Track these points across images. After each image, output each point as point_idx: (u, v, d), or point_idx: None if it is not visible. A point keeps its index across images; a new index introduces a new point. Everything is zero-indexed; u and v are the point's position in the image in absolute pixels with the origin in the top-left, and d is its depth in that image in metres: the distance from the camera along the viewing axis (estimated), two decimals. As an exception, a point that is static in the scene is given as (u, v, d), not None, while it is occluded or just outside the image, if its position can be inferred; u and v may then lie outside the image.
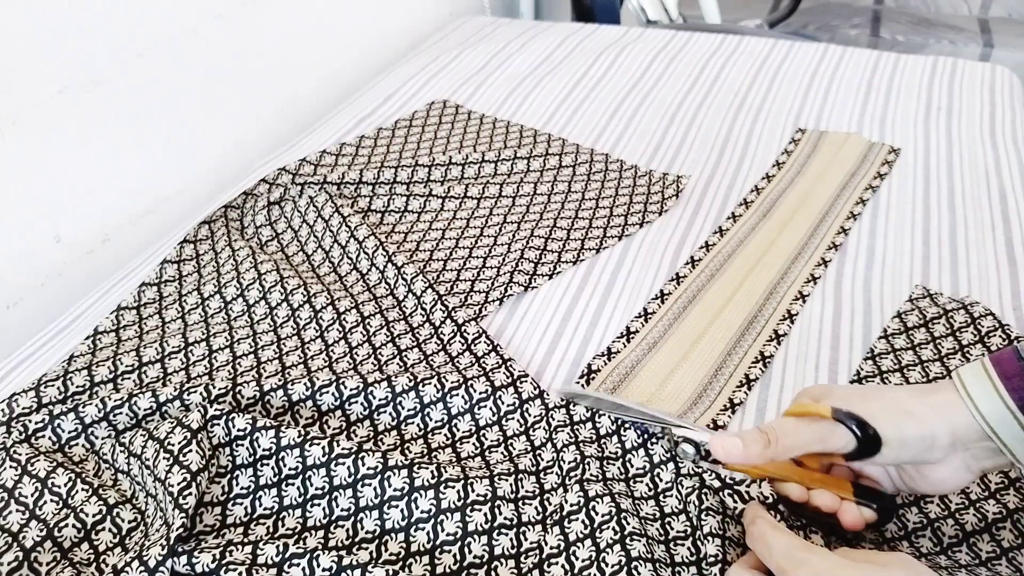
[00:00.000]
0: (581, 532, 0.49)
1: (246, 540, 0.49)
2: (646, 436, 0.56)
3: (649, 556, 0.47)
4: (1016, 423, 0.42)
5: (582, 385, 0.62)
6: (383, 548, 0.50)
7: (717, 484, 0.50)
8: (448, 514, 0.51)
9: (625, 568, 0.46)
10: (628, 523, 0.48)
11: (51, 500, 0.52)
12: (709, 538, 0.47)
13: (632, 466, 0.55)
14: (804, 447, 0.45)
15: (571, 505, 0.51)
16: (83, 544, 0.51)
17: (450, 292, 0.73)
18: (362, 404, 0.59)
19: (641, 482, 0.54)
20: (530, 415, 0.58)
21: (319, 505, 0.53)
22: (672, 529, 0.51)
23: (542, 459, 0.56)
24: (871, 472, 0.49)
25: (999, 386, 0.42)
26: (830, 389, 0.48)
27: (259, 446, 0.54)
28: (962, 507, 0.50)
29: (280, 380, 0.59)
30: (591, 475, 0.53)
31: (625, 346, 0.66)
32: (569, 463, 0.54)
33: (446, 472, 0.52)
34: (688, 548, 0.49)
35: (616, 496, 0.51)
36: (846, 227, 0.79)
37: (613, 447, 0.56)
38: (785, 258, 0.75)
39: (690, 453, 0.50)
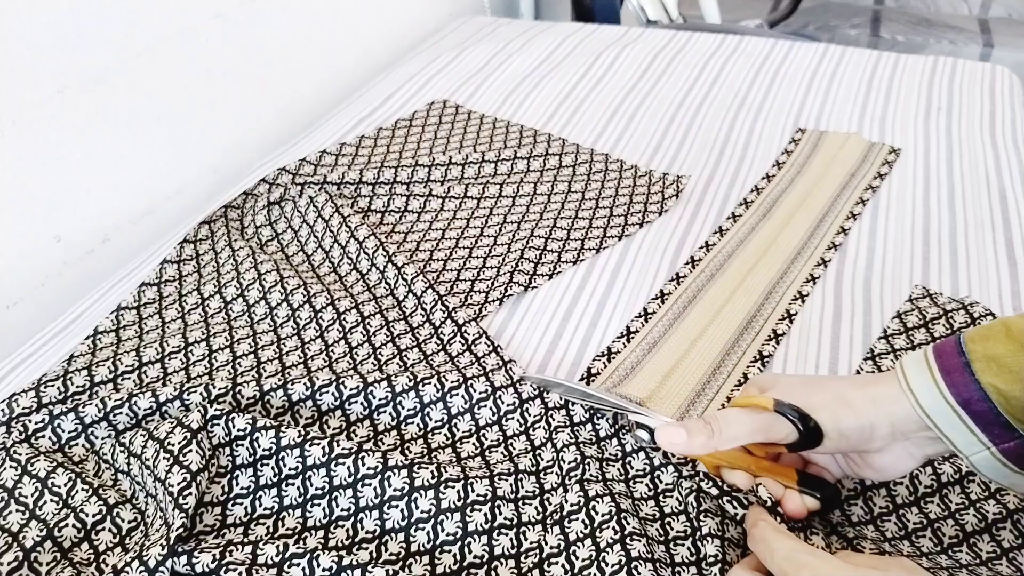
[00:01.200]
0: (581, 532, 0.49)
1: (246, 540, 0.49)
2: (613, 422, 0.57)
3: (649, 556, 0.47)
4: (955, 415, 0.42)
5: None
6: (383, 548, 0.50)
7: (715, 491, 0.50)
8: (448, 514, 0.51)
9: (625, 568, 0.46)
10: (628, 523, 0.48)
11: (51, 500, 0.52)
12: (709, 538, 0.47)
13: (632, 467, 0.55)
14: (747, 437, 0.46)
15: (571, 505, 0.51)
16: (83, 544, 0.51)
17: (450, 292, 0.73)
18: (362, 404, 0.59)
19: (641, 482, 0.54)
20: (530, 415, 0.58)
21: (319, 505, 0.53)
22: (672, 529, 0.51)
23: (542, 459, 0.56)
24: (818, 459, 0.51)
25: (939, 381, 0.43)
26: (776, 379, 0.49)
27: (259, 446, 0.54)
28: (962, 507, 0.50)
29: (280, 380, 0.59)
30: (591, 475, 0.53)
31: (625, 346, 0.66)
32: (569, 463, 0.54)
33: (446, 472, 0.52)
34: (688, 548, 0.49)
35: (616, 496, 0.51)
36: (846, 227, 0.79)
37: (613, 449, 0.56)
38: (785, 258, 0.75)
39: (644, 438, 0.51)
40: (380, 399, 0.59)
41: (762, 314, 0.69)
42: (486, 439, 0.58)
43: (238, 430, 0.55)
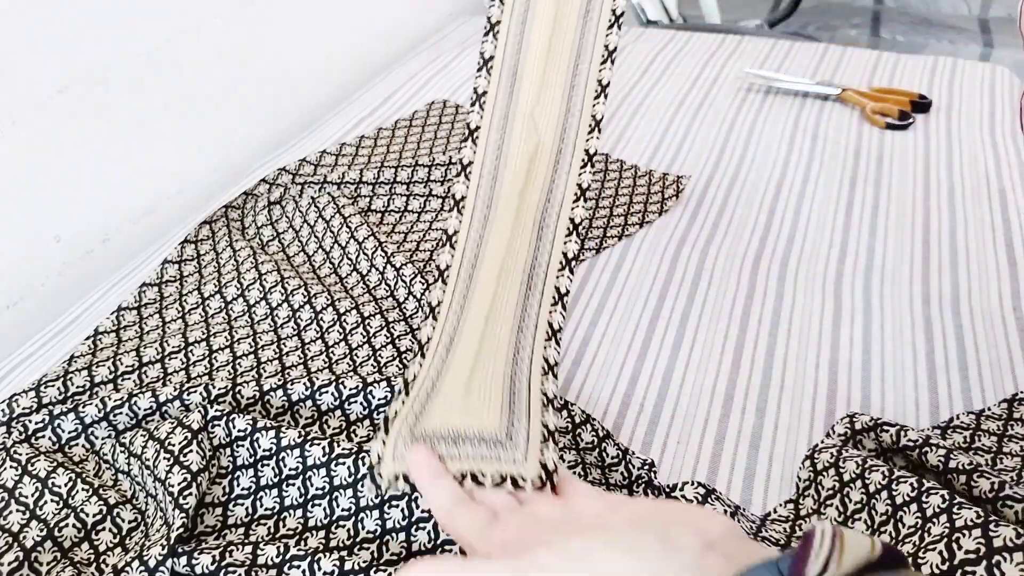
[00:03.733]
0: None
1: (247, 541, 0.49)
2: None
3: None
4: None
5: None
6: (384, 548, 0.50)
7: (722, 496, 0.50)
8: (448, 514, 0.50)
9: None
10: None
11: (51, 500, 0.52)
12: None
13: (634, 467, 0.55)
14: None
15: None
16: (83, 544, 0.51)
17: (450, 292, 0.73)
18: (362, 404, 0.59)
19: (642, 483, 0.54)
20: (530, 415, 0.58)
21: (320, 505, 0.53)
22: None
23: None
24: None
25: None
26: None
27: (259, 447, 0.54)
28: None
29: (280, 380, 0.59)
30: (593, 479, 0.53)
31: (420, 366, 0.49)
32: (568, 462, 0.54)
33: (446, 472, 0.52)
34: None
35: None
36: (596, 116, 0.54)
37: (613, 450, 0.56)
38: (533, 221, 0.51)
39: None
40: (380, 399, 0.59)
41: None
42: (486, 439, 0.58)
43: (238, 431, 0.55)
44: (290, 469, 0.54)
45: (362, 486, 0.52)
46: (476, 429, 0.43)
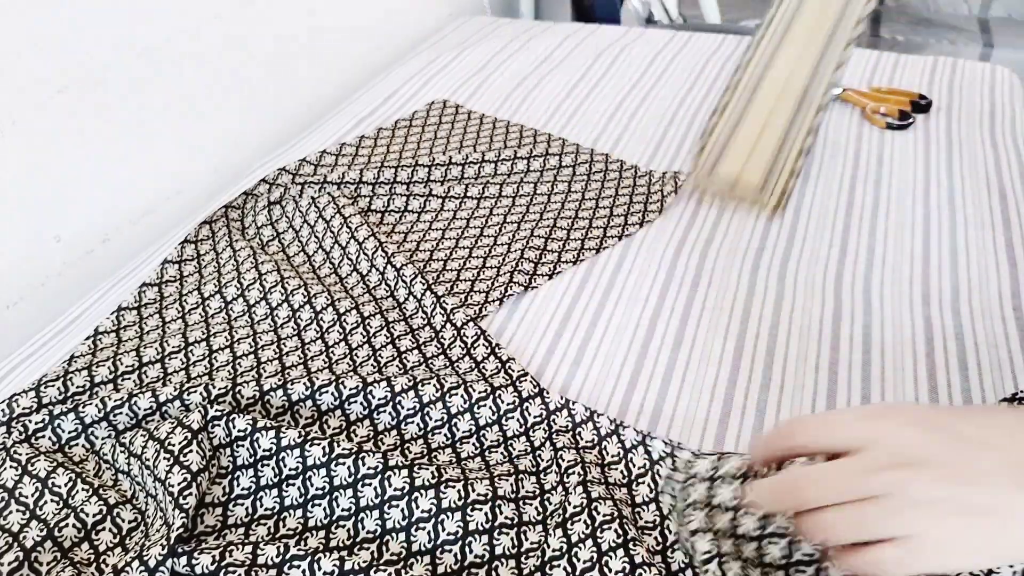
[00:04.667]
0: (583, 532, 0.49)
1: (247, 541, 0.49)
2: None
3: (651, 561, 0.47)
4: None
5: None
6: (384, 548, 0.50)
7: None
8: (449, 513, 0.51)
9: (627, 569, 0.46)
10: (629, 529, 0.48)
11: (51, 500, 0.52)
12: (699, 533, 0.47)
13: (635, 466, 0.55)
14: None
15: (574, 507, 0.51)
16: (83, 544, 0.51)
17: (450, 292, 0.73)
18: (361, 404, 0.59)
19: (643, 483, 0.54)
20: (530, 415, 0.58)
21: (320, 505, 0.53)
22: (672, 534, 0.51)
23: (542, 459, 0.56)
24: None
25: None
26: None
27: (259, 447, 0.54)
28: None
29: (280, 380, 0.59)
30: (593, 477, 0.53)
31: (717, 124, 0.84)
32: (568, 462, 0.54)
33: (446, 472, 0.52)
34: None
35: (617, 503, 0.50)
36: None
37: (614, 448, 0.56)
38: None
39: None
40: (379, 399, 0.59)
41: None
42: (486, 439, 0.58)
43: (238, 431, 0.55)
44: (290, 469, 0.54)
45: (362, 486, 0.52)
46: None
